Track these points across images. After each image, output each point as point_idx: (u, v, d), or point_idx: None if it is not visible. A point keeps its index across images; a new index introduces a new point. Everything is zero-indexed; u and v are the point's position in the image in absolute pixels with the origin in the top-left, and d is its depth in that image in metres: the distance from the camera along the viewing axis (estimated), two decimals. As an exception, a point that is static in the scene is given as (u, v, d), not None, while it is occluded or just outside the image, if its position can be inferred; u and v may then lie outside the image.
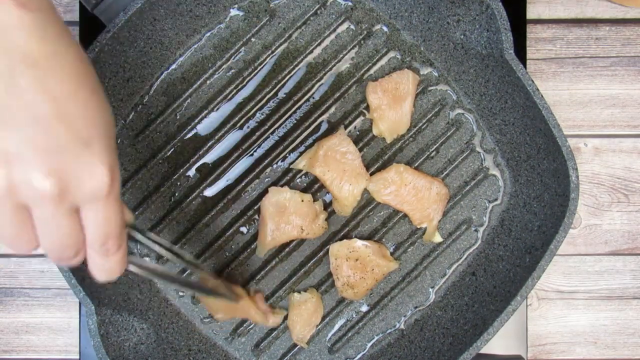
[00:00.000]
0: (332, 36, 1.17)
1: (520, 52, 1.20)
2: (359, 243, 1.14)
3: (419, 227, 1.17)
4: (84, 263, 0.76)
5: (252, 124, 1.17)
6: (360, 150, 1.16)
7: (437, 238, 1.17)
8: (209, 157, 1.17)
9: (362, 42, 1.17)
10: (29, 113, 0.65)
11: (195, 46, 1.16)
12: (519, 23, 1.21)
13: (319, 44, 1.17)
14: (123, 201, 0.85)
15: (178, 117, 1.17)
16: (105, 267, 0.77)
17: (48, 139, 0.66)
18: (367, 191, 1.16)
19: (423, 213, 1.15)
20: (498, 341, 1.18)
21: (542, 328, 1.24)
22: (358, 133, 1.17)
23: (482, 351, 1.08)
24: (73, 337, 1.23)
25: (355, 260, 1.13)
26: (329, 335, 1.17)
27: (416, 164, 1.17)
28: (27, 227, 0.70)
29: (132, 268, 0.84)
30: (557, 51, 1.24)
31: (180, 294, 1.16)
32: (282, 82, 1.18)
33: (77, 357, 1.22)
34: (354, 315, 1.17)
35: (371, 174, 1.16)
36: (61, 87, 0.67)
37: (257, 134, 1.17)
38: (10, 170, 0.65)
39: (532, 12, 1.24)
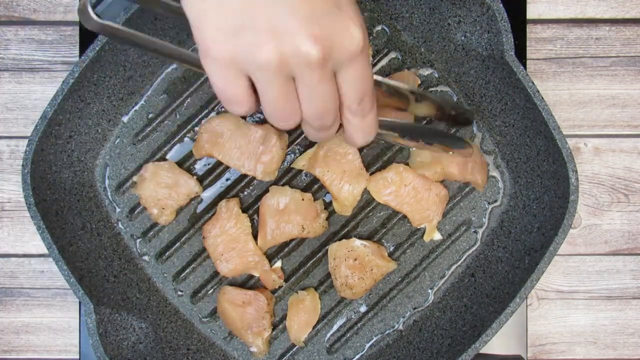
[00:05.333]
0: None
1: (520, 52, 1.20)
2: (357, 243, 1.14)
3: (418, 227, 1.17)
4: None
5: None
6: (361, 150, 1.16)
7: (437, 236, 1.17)
8: (209, 157, 1.17)
9: (362, 42, 1.17)
10: None
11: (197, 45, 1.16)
12: (519, 23, 1.20)
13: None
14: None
15: (178, 116, 1.17)
16: (363, 127, 0.82)
17: (307, 6, 0.71)
18: (367, 191, 1.16)
19: (422, 214, 1.15)
20: (498, 341, 1.19)
21: (542, 328, 1.24)
22: (358, 133, 1.17)
23: (482, 351, 1.08)
24: (73, 337, 1.23)
25: (354, 260, 1.13)
26: (328, 335, 1.17)
27: (416, 165, 1.17)
28: (294, 98, 0.76)
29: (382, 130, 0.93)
30: (557, 51, 1.24)
31: (179, 293, 1.17)
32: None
33: (77, 357, 1.22)
34: (353, 316, 1.17)
35: (371, 174, 1.16)
36: None
37: (258, 133, 1.17)
38: (280, 42, 0.71)
39: (532, 12, 1.24)
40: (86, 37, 1.18)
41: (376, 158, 1.17)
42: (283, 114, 0.77)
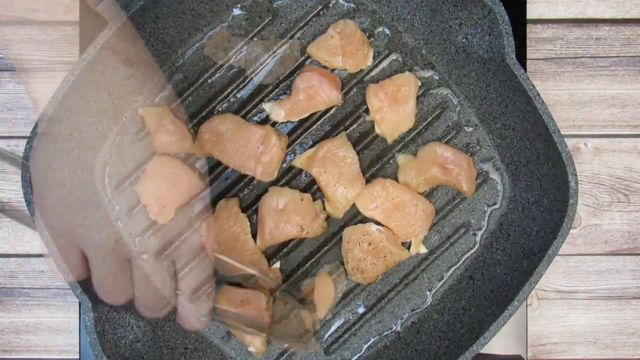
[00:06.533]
0: (334, 37, 1.17)
1: (520, 52, 1.20)
2: (373, 227, 1.14)
3: (404, 241, 1.17)
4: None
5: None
6: (361, 151, 1.17)
7: (422, 249, 1.17)
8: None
9: (363, 43, 1.17)
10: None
11: (197, 45, 1.16)
12: (519, 23, 1.20)
13: (321, 45, 1.17)
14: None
15: (178, 115, 1.16)
16: (196, 313, 0.83)
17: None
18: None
19: (408, 229, 1.15)
20: (498, 341, 1.19)
21: (542, 328, 1.24)
22: (358, 135, 1.17)
23: (482, 351, 1.08)
24: (73, 337, 1.23)
25: (368, 244, 1.13)
26: (326, 336, 1.17)
27: (416, 167, 1.17)
28: (126, 279, 0.76)
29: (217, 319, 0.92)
30: (557, 51, 1.24)
31: (177, 292, 1.17)
32: (283, 82, 1.17)
33: (77, 357, 1.22)
34: (351, 317, 1.17)
35: (371, 176, 1.16)
36: None
37: (258, 133, 1.17)
38: (118, 228, 0.69)
39: (532, 12, 1.24)
40: (86, 37, 1.18)
41: (376, 160, 1.18)
42: (111, 291, 0.75)
